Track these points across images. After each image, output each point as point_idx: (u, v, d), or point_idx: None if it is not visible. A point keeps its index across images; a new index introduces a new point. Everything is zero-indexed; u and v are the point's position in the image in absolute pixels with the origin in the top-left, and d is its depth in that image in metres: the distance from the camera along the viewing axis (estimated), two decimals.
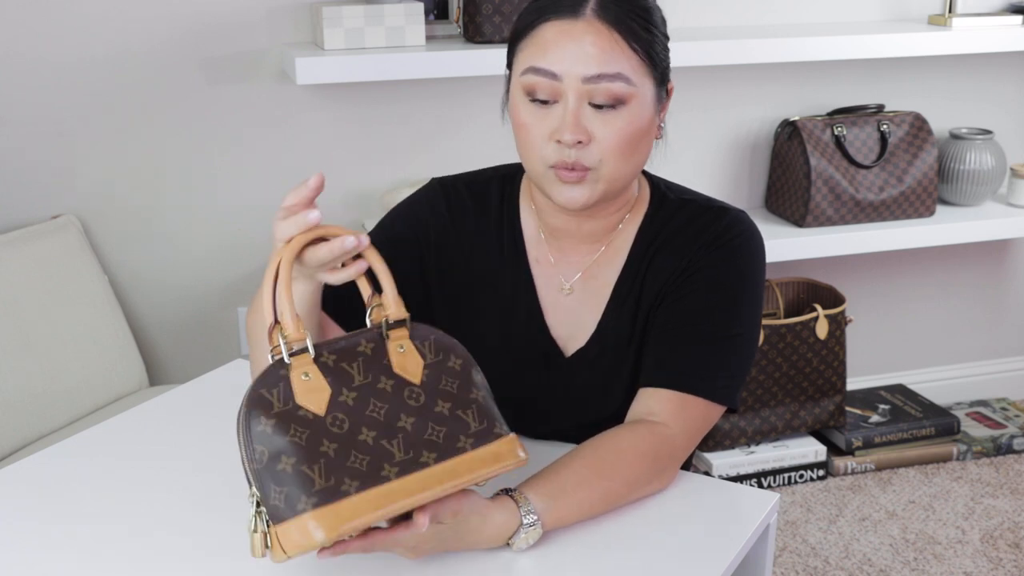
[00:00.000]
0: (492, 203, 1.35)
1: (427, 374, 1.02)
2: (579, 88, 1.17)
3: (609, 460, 1.15)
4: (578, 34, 1.17)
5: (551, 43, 1.18)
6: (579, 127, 1.17)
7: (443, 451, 0.98)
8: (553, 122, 1.18)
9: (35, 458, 1.30)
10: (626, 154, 1.20)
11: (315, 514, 0.91)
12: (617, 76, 1.17)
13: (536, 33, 1.20)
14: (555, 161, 1.19)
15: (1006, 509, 2.52)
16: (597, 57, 1.16)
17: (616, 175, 1.21)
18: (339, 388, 0.98)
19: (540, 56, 1.18)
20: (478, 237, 1.34)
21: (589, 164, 1.19)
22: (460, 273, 1.34)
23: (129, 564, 1.08)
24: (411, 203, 1.37)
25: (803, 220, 2.53)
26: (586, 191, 1.20)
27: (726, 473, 2.55)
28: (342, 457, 0.95)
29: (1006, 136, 2.83)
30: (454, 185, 1.36)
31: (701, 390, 1.23)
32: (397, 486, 0.95)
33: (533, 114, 1.20)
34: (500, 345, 1.33)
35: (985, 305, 3.02)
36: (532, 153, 1.21)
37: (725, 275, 1.27)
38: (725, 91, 2.61)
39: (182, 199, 2.34)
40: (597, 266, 1.32)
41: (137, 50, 2.23)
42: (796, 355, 2.56)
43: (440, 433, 0.99)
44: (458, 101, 2.43)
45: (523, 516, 1.07)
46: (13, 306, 2.03)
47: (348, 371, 0.99)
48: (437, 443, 0.99)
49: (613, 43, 1.17)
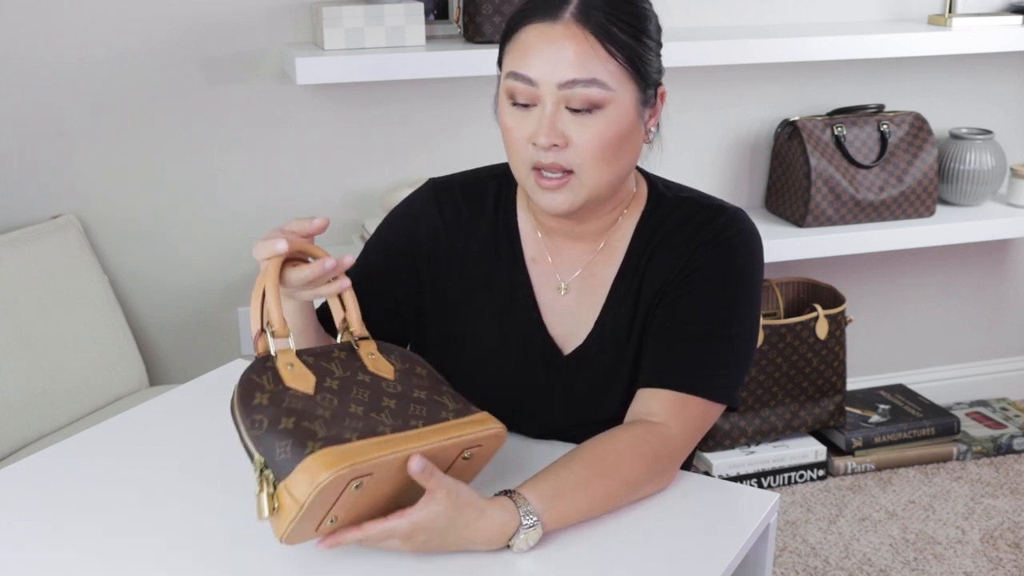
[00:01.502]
0: (488, 203, 1.35)
1: (399, 373, 1.10)
2: (555, 94, 1.18)
3: (608, 460, 1.15)
4: (555, 38, 1.18)
5: (530, 48, 1.19)
6: (554, 131, 1.18)
7: (429, 419, 1.06)
8: (531, 126, 1.20)
9: (35, 458, 1.30)
10: (606, 158, 1.20)
11: (322, 452, 0.96)
12: (592, 82, 1.17)
13: (518, 36, 1.21)
14: (534, 163, 1.21)
15: (1006, 509, 2.52)
16: (572, 62, 1.17)
17: (597, 180, 1.21)
18: (323, 377, 1.05)
19: (520, 61, 1.20)
20: (474, 238, 1.34)
21: (568, 166, 1.19)
22: (456, 275, 1.34)
23: (129, 564, 1.08)
24: (405, 209, 1.38)
25: (803, 220, 2.53)
26: (568, 197, 1.21)
27: (726, 473, 2.55)
28: (338, 420, 1.01)
29: (1006, 136, 2.83)
30: (449, 187, 1.37)
31: (700, 390, 1.23)
32: (393, 437, 1.01)
33: (514, 117, 1.22)
34: (498, 345, 1.33)
35: (985, 305, 3.02)
36: (515, 156, 1.23)
37: (723, 274, 1.27)
38: (725, 91, 2.61)
39: (182, 199, 2.34)
40: (594, 264, 1.32)
41: (137, 50, 2.23)
42: (796, 355, 2.56)
43: (422, 410, 1.06)
44: (458, 101, 2.43)
45: (522, 517, 1.07)
46: (13, 306, 2.03)
47: (327, 367, 1.06)
48: (422, 416, 1.06)
49: (589, 48, 1.17)
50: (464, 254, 1.34)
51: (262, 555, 1.09)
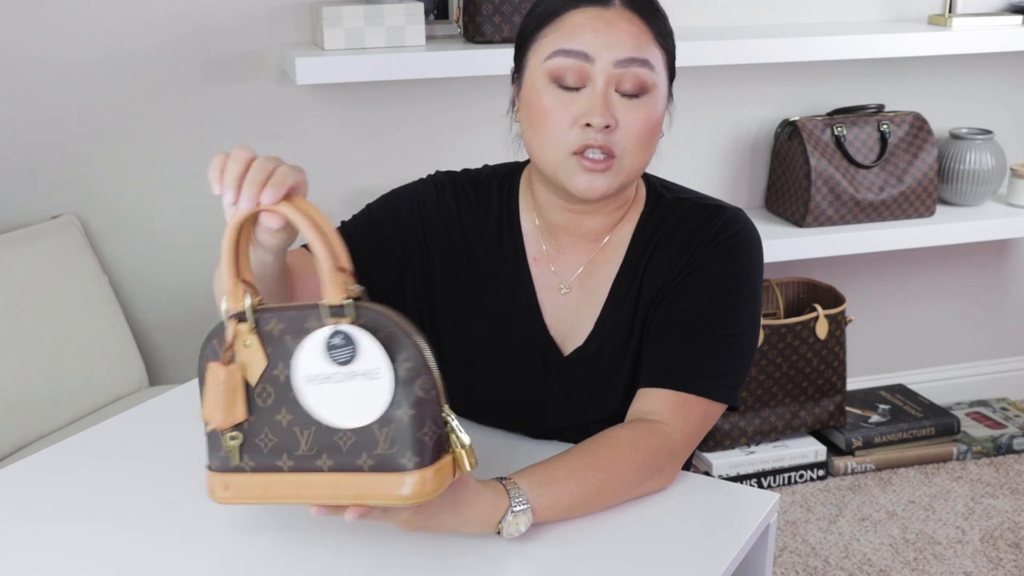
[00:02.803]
0: (493, 200, 1.35)
1: None
2: (609, 72, 1.18)
3: (602, 453, 1.15)
4: (611, 19, 1.19)
5: (582, 26, 1.19)
6: (608, 111, 1.18)
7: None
8: (580, 106, 1.18)
9: (35, 458, 1.30)
10: (645, 145, 1.22)
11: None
12: (646, 63, 1.19)
13: (564, 19, 1.21)
14: (579, 146, 1.19)
15: (1006, 509, 2.52)
16: (629, 42, 1.18)
17: (634, 166, 1.22)
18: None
19: (570, 38, 1.19)
20: (480, 232, 1.34)
21: (615, 149, 1.19)
22: (463, 265, 1.34)
23: (129, 564, 1.08)
24: (417, 187, 1.36)
25: (803, 220, 2.53)
26: (608, 181, 1.21)
27: (726, 473, 2.55)
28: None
29: (1006, 136, 2.83)
30: (460, 180, 1.36)
31: (700, 389, 1.23)
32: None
33: (558, 99, 1.19)
34: (498, 344, 1.33)
35: (985, 305, 3.02)
36: (553, 140, 1.20)
37: (723, 274, 1.27)
38: (725, 91, 2.61)
39: (182, 199, 2.34)
40: (595, 265, 1.32)
41: (137, 50, 2.23)
42: (796, 355, 2.56)
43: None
44: (458, 101, 2.43)
45: (512, 499, 1.07)
46: (13, 306, 2.03)
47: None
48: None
49: (642, 31, 1.20)
50: (471, 245, 1.34)
51: (263, 554, 1.09)
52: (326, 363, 0.93)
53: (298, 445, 0.96)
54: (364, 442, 0.93)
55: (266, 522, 1.14)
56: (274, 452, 0.97)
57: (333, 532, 1.11)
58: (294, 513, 1.15)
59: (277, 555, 1.08)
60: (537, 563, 1.07)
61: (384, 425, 0.92)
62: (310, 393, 0.94)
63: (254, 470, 0.98)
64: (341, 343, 0.92)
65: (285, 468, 0.97)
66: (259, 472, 0.98)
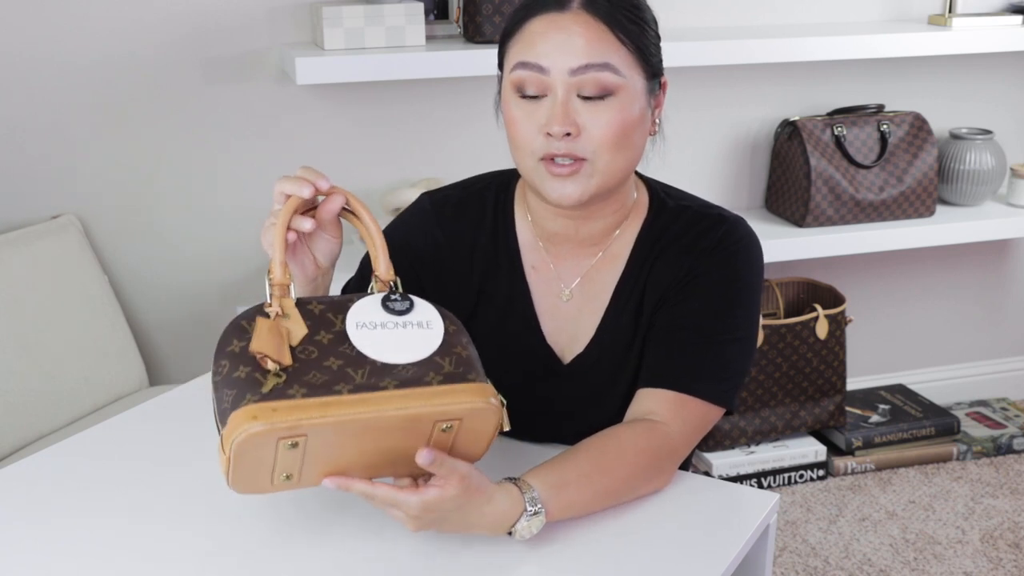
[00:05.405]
0: (486, 213, 1.35)
1: None
2: (567, 80, 1.17)
3: (610, 456, 1.15)
4: (565, 24, 1.17)
5: (538, 36, 1.18)
6: (567, 119, 1.17)
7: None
8: (542, 116, 1.18)
9: (35, 458, 1.30)
10: (619, 146, 1.20)
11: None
12: (605, 66, 1.17)
13: (524, 29, 1.20)
14: (544, 154, 1.19)
15: (1006, 509, 2.52)
16: (584, 48, 1.16)
17: (610, 168, 1.20)
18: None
19: (528, 51, 1.19)
20: (472, 249, 1.34)
21: (581, 154, 1.18)
22: (457, 287, 1.34)
23: (129, 564, 1.08)
24: (403, 223, 1.37)
25: (803, 220, 2.53)
26: (580, 186, 1.20)
27: (726, 473, 2.55)
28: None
29: (1006, 136, 2.83)
30: (444, 200, 1.36)
31: (700, 391, 1.23)
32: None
33: (523, 109, 1.20)
34: (497, 356, 1.32)
35: (985, 305, 3.02)
36: (523, 148, 1.21)
37: (724, 281, 1.27)
38: (725, 91, 2.61)
39: (182, 199, 2.34)
40: (596, 271, 1.32)
41: (137, 50, 2.23)
42: (796, 355, 2.56)
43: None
44: (458, 101, 2.43)
45: (527, 503, 1.07)
46: (13, 306, 2.03)
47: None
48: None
49: (601, 34, 1.17)
50: (463, 265, 1.34)
51: (264, 554, 1.09)
52: (380, 312, 1.01)
53: (353, 378, 0.96)
54: (428, 365, 0.98)
55: (272, 522, 1.14)
56: (328, 384, 0.94)
57: (342, 532, 1.12)
58: (302, 513, 1.15)
59: (284, 556, 1.08)
60: (537, 563, 1.07)
61: (446, 354, 0.99)
62: (362, 336, 0.99)
63: (306, 396, 0.93)
64: (399, 297, 1.03)
65: (344, 392, 0.94)
66: (311, 397, 0.93)
